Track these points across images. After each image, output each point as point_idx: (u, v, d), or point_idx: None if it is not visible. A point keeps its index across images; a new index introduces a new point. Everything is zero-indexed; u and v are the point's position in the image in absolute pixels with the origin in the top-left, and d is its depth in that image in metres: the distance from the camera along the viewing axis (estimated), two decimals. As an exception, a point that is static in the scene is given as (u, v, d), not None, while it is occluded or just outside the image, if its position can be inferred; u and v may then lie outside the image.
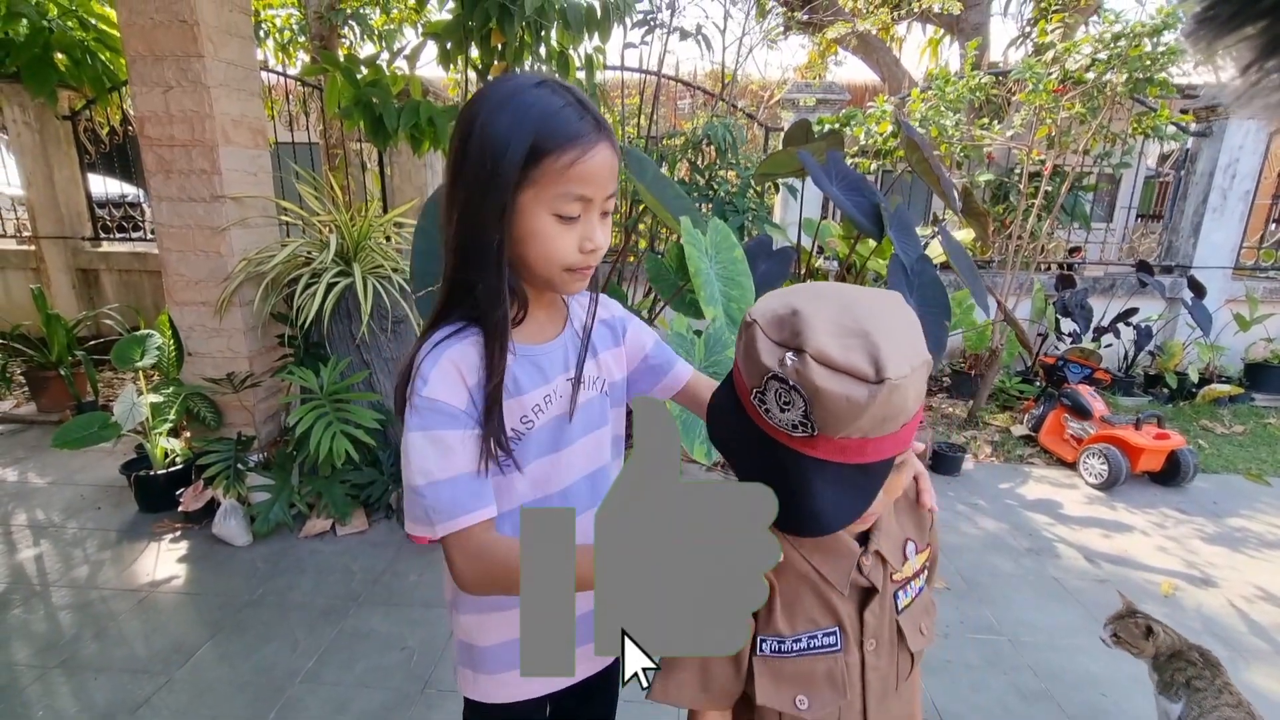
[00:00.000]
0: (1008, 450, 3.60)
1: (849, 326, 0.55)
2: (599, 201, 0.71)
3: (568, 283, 0.75)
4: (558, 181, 0.67)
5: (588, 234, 0.71)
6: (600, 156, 0.68)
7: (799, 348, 0.54)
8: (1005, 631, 2.10)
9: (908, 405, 0.55)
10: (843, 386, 0.52)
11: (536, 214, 0.69)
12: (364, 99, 2.97)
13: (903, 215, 2.33)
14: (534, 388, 0.79)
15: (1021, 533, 2.75)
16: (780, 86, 5.11)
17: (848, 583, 0.70)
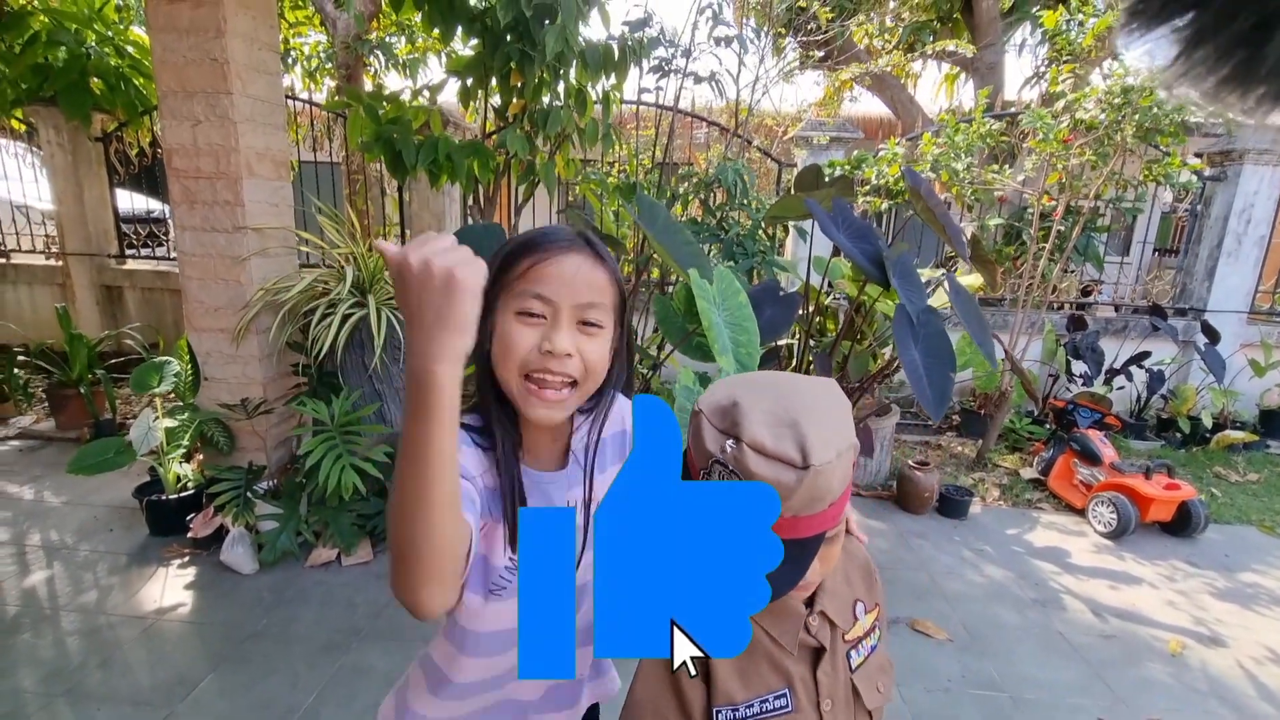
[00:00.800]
0: (1016, 494, 3.57)
1: (781, 416, 0.62)
2: (566, 308, 0.71)
3: (526, 398, 0.73)
4: (520, 280, 0.71)
5: (550, 335, 0.71)
6: (567, 262, 0.72)
7: (737, 436, 0.62)
8: (1008, 688, 2.08)
9: (833, 487, 0.62)
10: (773, 471, 0.59)
11: (504, 317, 0.72)
12: (384, 134, 3.05)
13: (905, 264, 2.35)
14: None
15: (1028, 582, 2.72)
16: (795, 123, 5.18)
17: (796, 643, 0.74)
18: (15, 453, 3.47)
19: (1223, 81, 0.29)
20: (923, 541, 3.02)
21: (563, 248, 0.73)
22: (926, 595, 2.58)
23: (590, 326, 0.74)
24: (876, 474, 3.59)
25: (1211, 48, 0.29)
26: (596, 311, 0.74)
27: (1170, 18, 0.30)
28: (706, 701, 0.74)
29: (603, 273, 0.75)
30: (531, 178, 3.45)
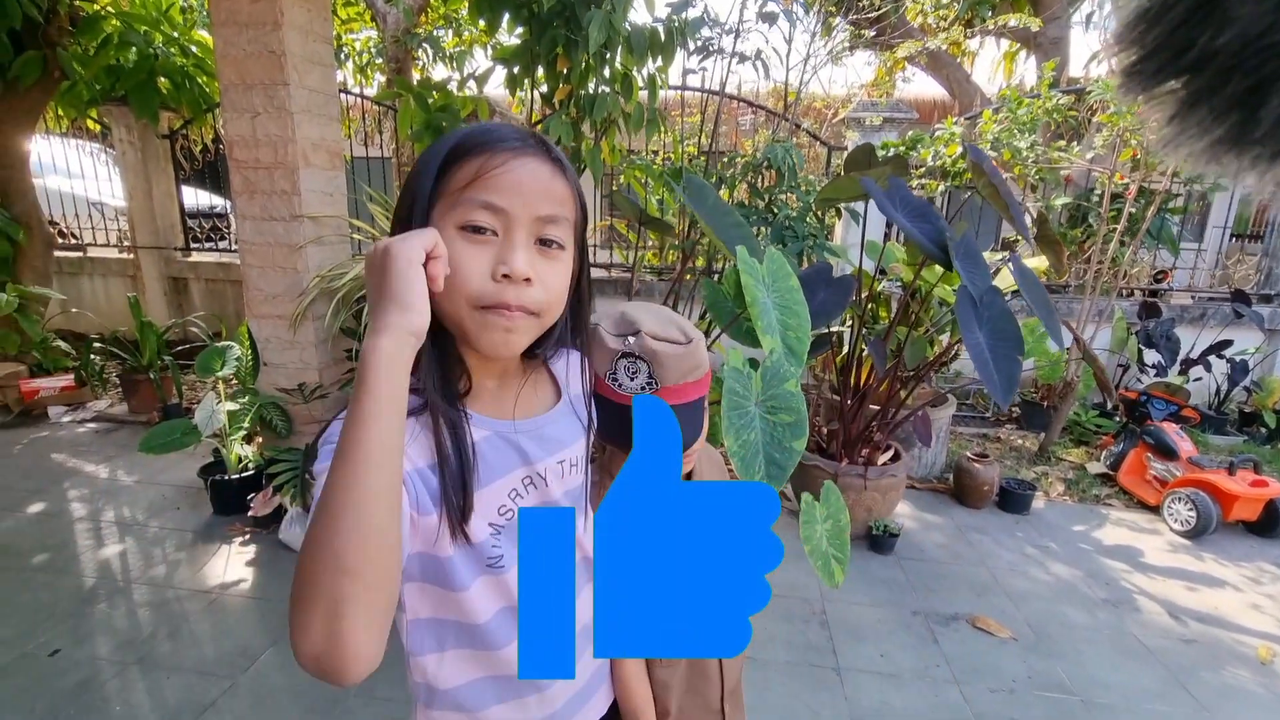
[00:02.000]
0: (1082, 489, 3.39)
1: (659, 316, 0.82)
2: (523, 220, 0.60)
3: (480, 331, 0.60)
4: (465, 188, 0.59)
5: (504, 256, 0.59)
6: (522, 166, 0.60)
7: (636, 331, 0.78)
8: (1078, 691, 1.97)
9: (702, 360, 0.81)
10: (668, 348, 0.77)
11: (444, 231, 0.59)
12: (434, 123, 3.07)
13: (969, 244, 2.24)
14: (506, 471, 0.67)
15: (1097, 581, 2.58)
16: (845, 104, 5.03)
17: None
18: (92, 434, 3.66)
19: (1218, 142, 0.30)
20: (982, 536, 2.90)
21: (514, 149, 0.60)
22: (987, 592, 2.47)
23: (550, 246, 0.62)
24: (932, 466, 3.46)
25: (1207, 110, 0.29)
26: (557, 228, 0.62)
27: (1166, 80, 0.30)
28: None
29: (563, 182, 0.63)
30: (578, 164, 3.44)
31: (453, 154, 0.61)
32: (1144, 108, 0.31)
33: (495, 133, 0.61)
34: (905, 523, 2.93)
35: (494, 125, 0.63)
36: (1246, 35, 0.27)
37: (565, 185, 0.64)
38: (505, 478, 0.67)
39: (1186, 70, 0.29)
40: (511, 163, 0.59)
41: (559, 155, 0.65)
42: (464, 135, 0.61)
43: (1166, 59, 0.30)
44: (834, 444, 2.84)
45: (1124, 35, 0.31)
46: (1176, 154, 0.32)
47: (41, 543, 2.54)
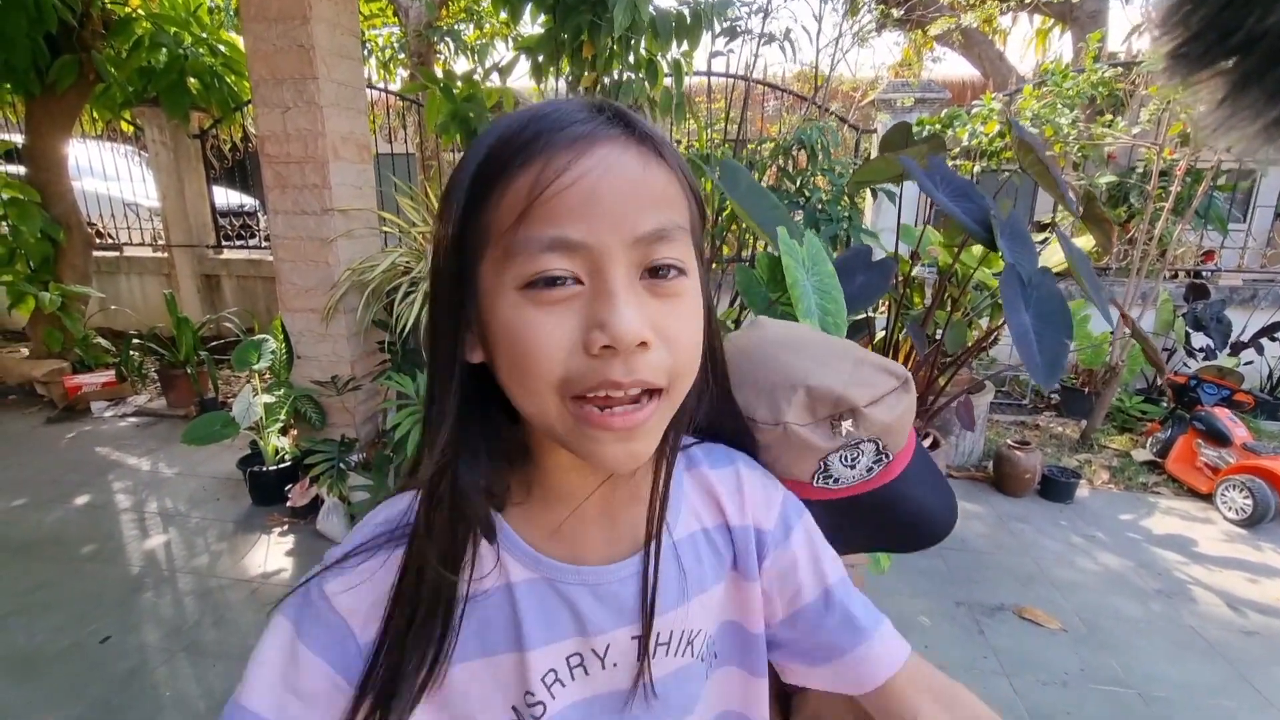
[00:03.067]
0: (1129, 477, 3.28)
1: (842, 364, 0.59)
2: (617, 249, 0.38)
3: (584, 434, 0.40)
4: (518, 222, 0.38)
5: (599, 315, 0.38)
6: (597, 162, 0.38)
7: (849, 409, 0.56)
8: (1135, 684, 1.90)
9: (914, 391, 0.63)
10: (893, 409, 0.58)
11: (501, 296, 0.39)
12: (461, 114, 3.06)
13: (1016, 223, 2.16)
14: (550, 640, 0.47)
15: (1149, 572, 2.49)
16: (873, 86, 4.91)
17: None
18: (133, 428, 3.75)
19: (1272, 125, 0.29)
20: (1024, 526, 2.82)
21: (579, 139, 0.38)
22: (1033, 582, 2.40)
23: (666, 277, 0.40)
24: (970, 454, 3.38)
25: (1258, 91, 0.28)
26: (671, 245, 0.40)
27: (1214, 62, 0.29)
28: None
29: (663, 171, 0.41)
30: (604, 152, 3.41)
31: (488, 167, 0.40)
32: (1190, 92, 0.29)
33: (546, 119, 0.39)
34: (945, 512, 2.86)
35: (547, 108, 0.40)
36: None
37: (668, 175, 0.41)
38: (541, 650, 0.46)
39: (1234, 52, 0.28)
40: (581, 162, 0.38)
41: (649, 130, 0.42)
42: (500, 134, 0.40)
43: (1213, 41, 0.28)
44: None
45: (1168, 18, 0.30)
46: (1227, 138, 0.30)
47: (89, 533, 2.60)
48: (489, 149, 0.40)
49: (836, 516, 0.58)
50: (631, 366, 0.39)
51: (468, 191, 0.40)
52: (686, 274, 0.41)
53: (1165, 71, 0.31)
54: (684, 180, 0.43)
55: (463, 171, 0.41)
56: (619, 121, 0.41)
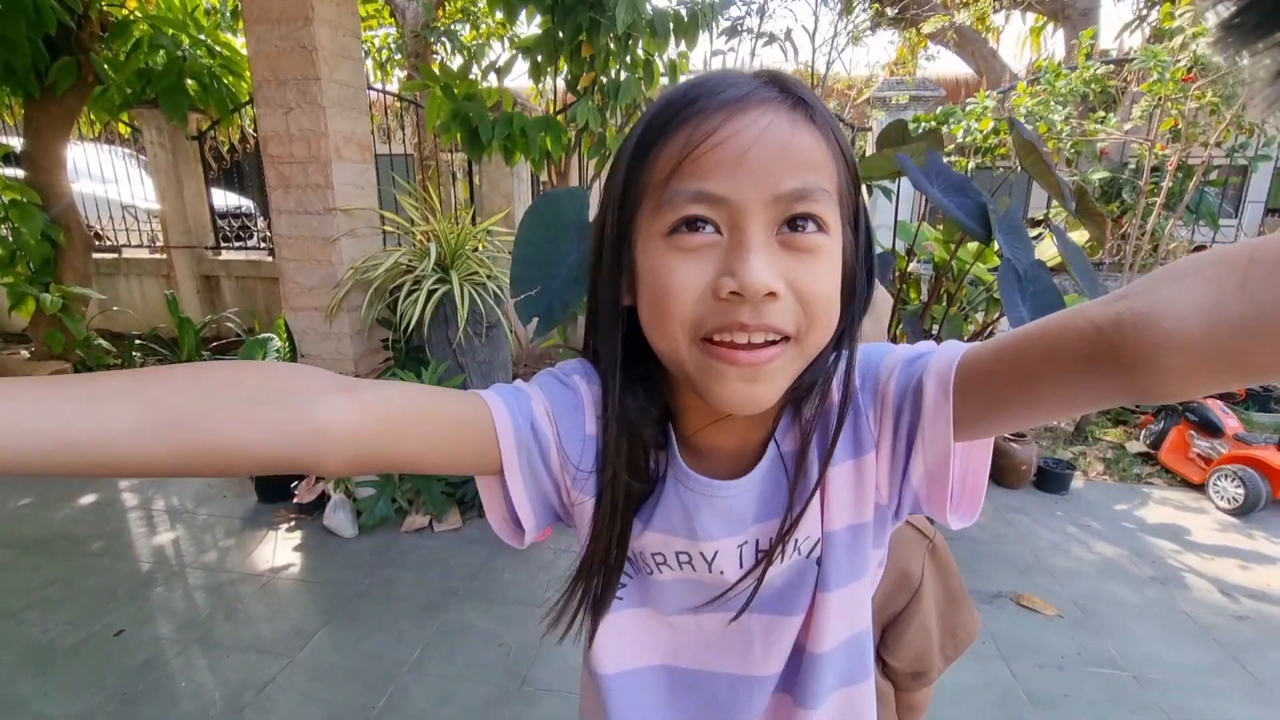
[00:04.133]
0: (1123, 469, 3.33)
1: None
2: (755, 206, 0.41)
3: (708, 379, 0.44)
4: (669, 177, 0.42)
5: (731, 264, 0.41)
6: (747, 124, 0.41)
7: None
8: (1129, 667, 1.94)
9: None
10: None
11: (650, 243, 0.44)
12: (461, 113, 3.09)
13: (1014, 217, 2.20)
14: (665, 531, 0.53)
15: (1143, 560, 2.54)
16: (867, 85, 4.96)
17: None
18: (137, 428, 3.76)
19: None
20: (1021, 516, 2.87)
21: (731, 102, 0.42)
22: (1030, 571, 2.45)
23: (802, 231, 0.42)
24: (967, 447, 3.43)
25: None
26: (811, 203, 0.42)
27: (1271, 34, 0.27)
28: None
29: (812, 136, 0.43)
30: (603, 151, 3.44)
31: (649, 131, 0.44)
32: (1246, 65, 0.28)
33: (705, 85, 0.43)
34: (943, 503, 2.91)
35: (709, 75, 0.44)
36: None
37: (817, 139, 0.43)
38: (655, 534, 0.53)
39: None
40: (731, 124, 0.41)
41: (804, 94, 0.44)
42: (664, 100, 0.44)
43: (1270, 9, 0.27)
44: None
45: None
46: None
47: (97, 530, 2.62)
48: (652, 114, 0.45)
49: None
50: (759, 312, 0.42)
51: (632, 152, 0.45)
52: (825, 231, 0.43)
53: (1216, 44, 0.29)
54: (836, 145, 0.45)
55: (630, 136, 0.46)
56: (774, 85, 0.44)
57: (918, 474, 0.48)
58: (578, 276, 1.88)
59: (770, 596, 0.54)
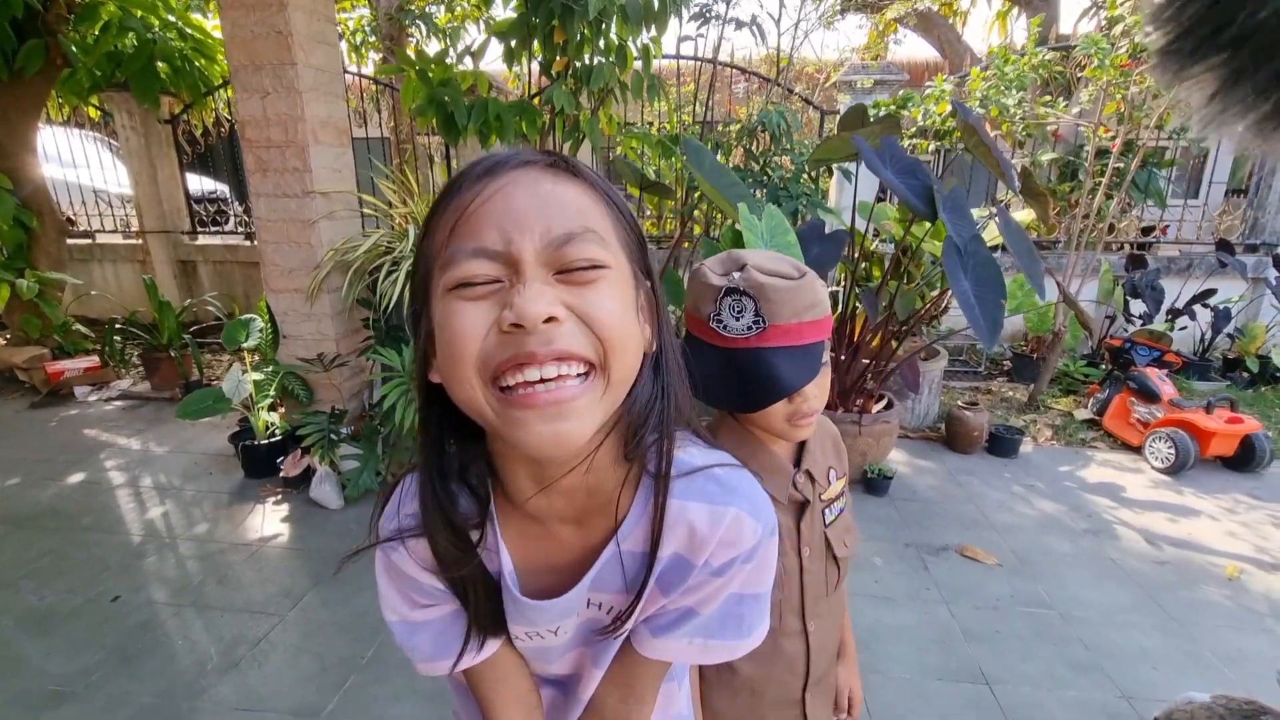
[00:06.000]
0: (1069, 434, 3.54)
1: (769, 255, 0.79)
2: (529, 251, 0.44)
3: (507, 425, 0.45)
4: (450, 237, 0.46)
5: (509, 299, 0.44)
6: (512, 184, 0.46)
7: (742, 265, 0.76)
8: (1057, 606, 2.14)
9: (820, 299, 0.77)
10: (778, 281, 0.74)
11: (439, 301, 0.46)
12: (437, 98, 3.16)
13: (956, 197, 2.36)
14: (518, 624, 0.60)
15: (1080, 514, 2.74)
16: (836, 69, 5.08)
17: (786, 496, 0.87)
18: (119, 410, 3.82)
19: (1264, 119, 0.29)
20: (971, 478, 3.06)
21: (497, 168, 0.47)
22: (975, 526, 2.64)
23: (580, 270, 0.45)
24: (925, 416, 3.62)
25: (1249, 87, 0.29)
26: (583, 245, 0.45)
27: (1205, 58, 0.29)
28: None
29: (576, 188, 0.48)
30: (576, 134, 3.53)
31: (436, 205, 0.49)
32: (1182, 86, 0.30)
33: (481, 162, 0.48)
34: (899, 468, 3.09)
35: (490, 154, 0.50)
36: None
37: (582, 190, 0.48)
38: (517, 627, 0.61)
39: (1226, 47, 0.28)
40: (495, 184, 0.46)
41: (569, 161, 0.49)
42: (444, 188, 0.49)
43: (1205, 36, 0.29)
44: (830, 394, 2.99)
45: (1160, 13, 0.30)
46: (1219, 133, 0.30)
47: (87, 506, 2.70)
48: (440, 193, 0.49)
49: (721, 365, 0.78)
50: (546, 338, 0.43)
51: (424, 225, 0.49)
52: (605, 267, 0.46)
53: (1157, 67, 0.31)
54: (605, 197, 0.49)
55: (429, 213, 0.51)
56: (538, 154, 0.49)
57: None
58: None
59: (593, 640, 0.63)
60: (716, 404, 0.81)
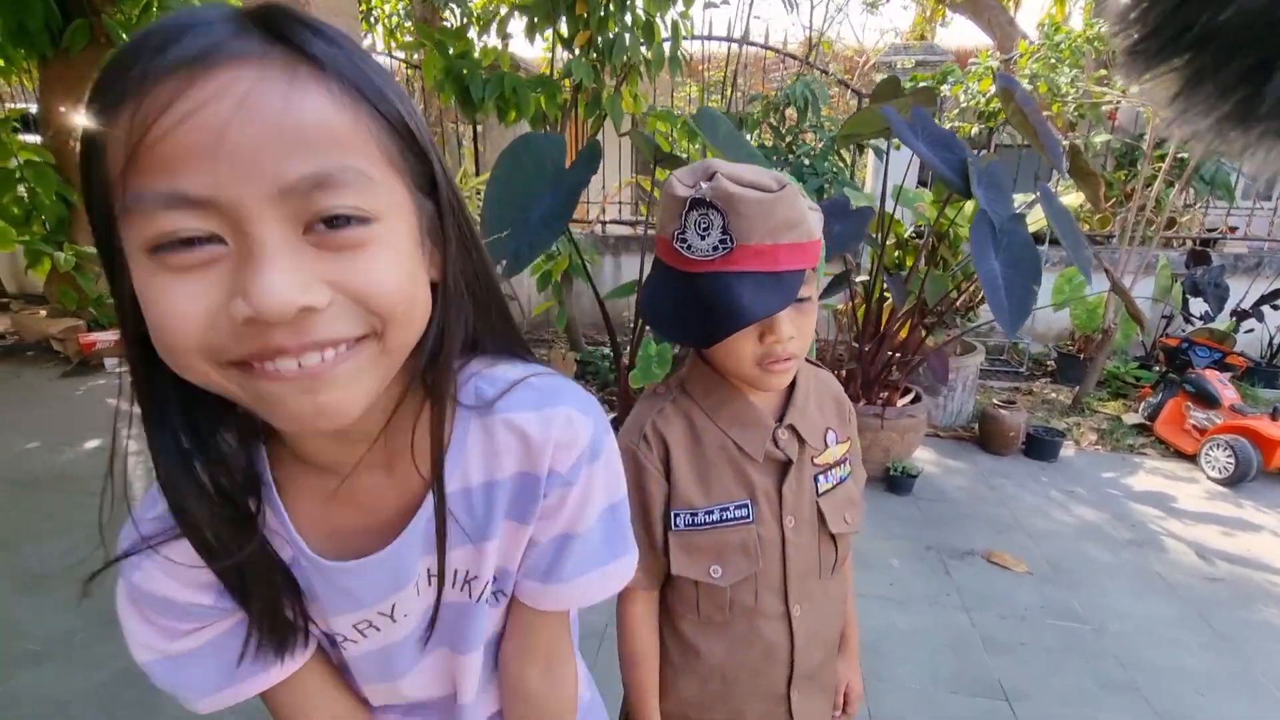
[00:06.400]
0: (1116, 439, 3.29)
1: (748, 168, 0.66)
2: (257, 202, 0.31)
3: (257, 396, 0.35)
4: (126, 174, 0.31)
5: (241, 280, 0.32)
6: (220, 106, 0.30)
7: (712, 174, 0.63)
8: (1091, 620, 1.94)
9: (805, 218, 0.64)
10: (749, 193, 0.61)
11: (134, 260, 0.33)
12: (454, 70, 3.10)
13: (995, 172, 2.17)
14: (341, 611, 0.49)
15: (1123, 523, 2.52)
16: (877, 52, 4.86)
17: (762, 452, 0.74)
18: (144, 382, 3.88)
19: (1224, 119, 0.30)
20: (1005, 480, 2.85)
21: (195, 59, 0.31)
22: (1006, 530, 2.45)
23: (342, 229, 0.34)
24: (958, 415, 3.41)
25: (1212, 87, 0.29)
26: (341, 191, 0.33)
27: (1170, 58, 0.30)
28: (667, 504, 0.75)
29: (324, 95, 0.33)
30: (598, 111, 3.43)
31: (92, 104, 0.32)
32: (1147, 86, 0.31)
33: (151, 38, 0.31)
34: (926, 467, 2.90)
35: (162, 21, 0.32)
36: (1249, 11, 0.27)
37: (332, 101, 0.33)
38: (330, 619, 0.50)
39: (1189, 48, 0.29)
40: (192, 94, 0.30)
41: (302, 36, 0.33)
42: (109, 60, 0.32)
43: (1168, 37, 0.29)
44: (852, 386, 2.82)
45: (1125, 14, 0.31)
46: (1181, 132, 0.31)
47: (96, 471, 2.70)
48: (96, 79, 0.32)
49: (683, 292, 0.66)
50: (300, 331, 0.33)
51: (82, 137, 0.33)
52: (373, 221, 0.34)
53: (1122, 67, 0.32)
54: (367, 103, 0.34)
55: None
56: (257, 29, 0.32)
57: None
58: (548, 221, 1.90)
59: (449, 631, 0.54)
60: (675, 337, 0.72)
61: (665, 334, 0.69)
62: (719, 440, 0.74)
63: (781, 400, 0.78)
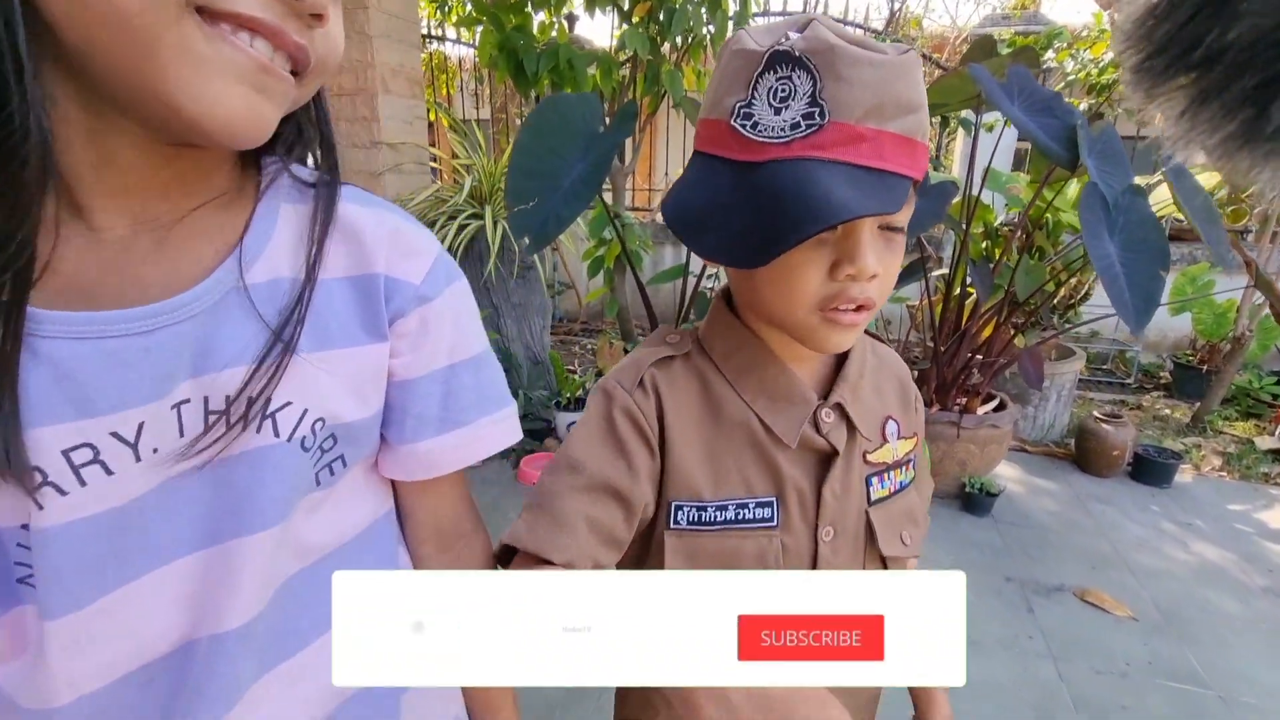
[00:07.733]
0: (1246, 466, 2.80)
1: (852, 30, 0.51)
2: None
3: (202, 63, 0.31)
4: None
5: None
6: None
7: (807, 23, 0.44)
8: (1215, 685, 1.59)
9: (925, 103, 0.46)
10: (860, 52, 0.43)
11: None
12: (508, 45, 3.00)
13: (1109, 139, 1.83)
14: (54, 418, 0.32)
15: (1256, 566, 2.10)
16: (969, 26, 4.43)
17: (797, 436, 0.53)
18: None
19: (1229, 138, 0.30)
20: (1105, 507, 2.46)
21: None
22: (1105, 566, 2.08)
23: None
24: (1050, 428, 3.00)
25: (1218, 106, 0.29)
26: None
27: (1175, 77, 0.30)
28: (660, 482, 0.53)
29: None
30: (656, 88, 3.24)
31: None
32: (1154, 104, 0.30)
33: None
34: (1009, 485, 2.55)
35: None
36: (1257, 31, 0.27)
37: None
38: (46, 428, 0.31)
39: (1196, 67, 0.29)
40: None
41: None
42: None
43: (1175, 55, 0.30)
44: (925, 389, 2.51)
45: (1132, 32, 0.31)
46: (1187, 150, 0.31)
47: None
48: None
49: (735, 190, 0.45)
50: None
51: None
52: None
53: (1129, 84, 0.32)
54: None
55: None
56: None
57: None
58: (578, 190, 1.72)
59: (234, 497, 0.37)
60: (716, 249, 0.46)
61: (701, 245, 0.47)
62: (740, 414, 0.54)
63: (828, 373, 0.57)
